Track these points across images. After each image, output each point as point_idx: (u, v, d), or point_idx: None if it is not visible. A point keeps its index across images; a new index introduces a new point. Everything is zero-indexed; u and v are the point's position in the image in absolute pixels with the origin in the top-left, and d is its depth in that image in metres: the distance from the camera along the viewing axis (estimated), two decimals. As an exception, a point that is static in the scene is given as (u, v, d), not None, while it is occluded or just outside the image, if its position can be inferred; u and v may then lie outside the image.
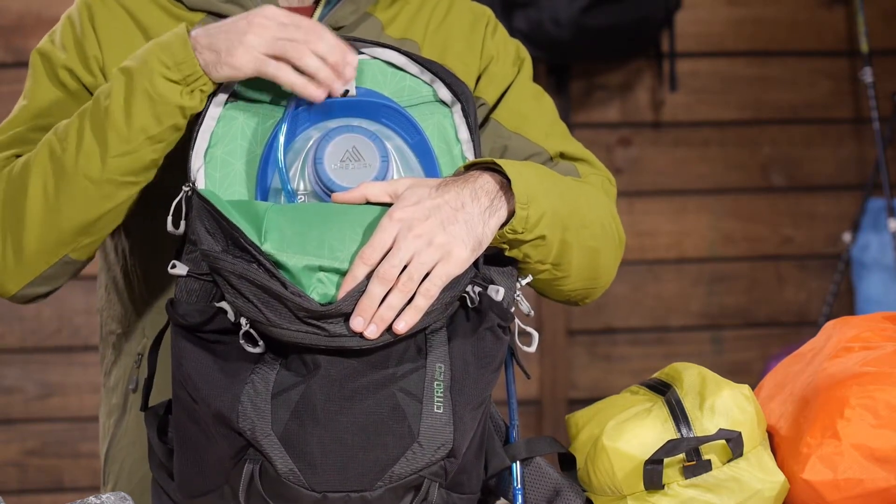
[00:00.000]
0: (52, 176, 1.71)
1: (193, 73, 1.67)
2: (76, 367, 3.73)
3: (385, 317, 1.54)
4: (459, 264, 1.58)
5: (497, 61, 1.91)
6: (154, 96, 1.67)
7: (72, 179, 1.70)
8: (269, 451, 1.52)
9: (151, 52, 1.68)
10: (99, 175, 1.69)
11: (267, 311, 1.53)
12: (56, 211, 1.71)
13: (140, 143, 1.68)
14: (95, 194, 1.70)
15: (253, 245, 1.55)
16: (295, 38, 1.66)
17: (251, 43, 1.65)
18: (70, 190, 1.70)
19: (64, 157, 1.70)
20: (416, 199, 1.59)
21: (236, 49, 1.65)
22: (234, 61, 1.65)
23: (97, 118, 1.69)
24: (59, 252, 1.74)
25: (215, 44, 1.66)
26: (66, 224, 1.72)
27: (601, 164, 1.93)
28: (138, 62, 1.69)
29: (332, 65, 1.66)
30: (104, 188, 1.70)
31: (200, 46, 1.67)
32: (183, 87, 1.67)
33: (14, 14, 3.67)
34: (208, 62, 1.66)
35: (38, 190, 1.71)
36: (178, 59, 1.66)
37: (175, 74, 1.67)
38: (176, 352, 1.59)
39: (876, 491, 1.65)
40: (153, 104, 1.67)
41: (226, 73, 1.66)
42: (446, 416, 1.55)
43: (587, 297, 1.85)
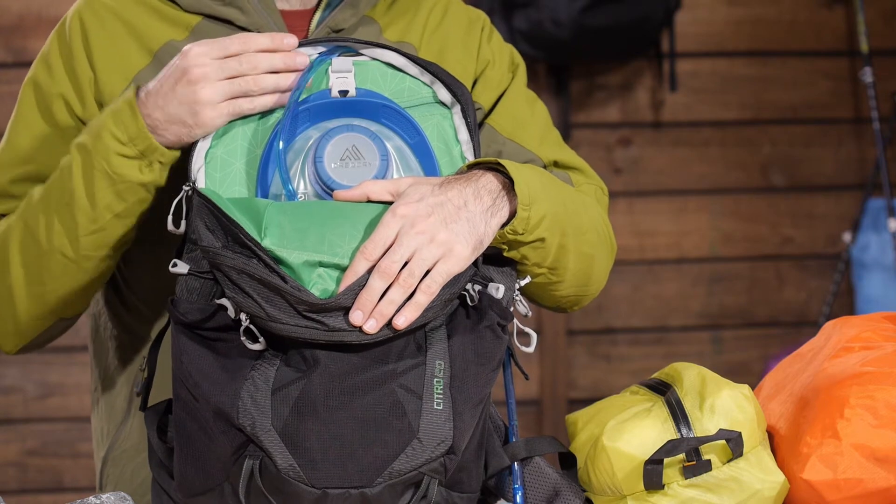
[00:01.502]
0: (31, 252, 1.74)
1: (148, 146, 1.67)
2: (76, 367, 3.73)
3: (385, 312, 1.54)
4: (460, 262, 1.58)
5: (493, 66, 1.91)
6: (113, 175, 1.68)
7: (49, 256, 1.73)
8: (269, 447, 1.52)
9: (104, 125, 1.69)
10: (73, 253, 1.72)
11: (267, 306, 1.53)
12: (39, 285, 1.75)
13: (107, 222, 1.71)
14: (74, 269, 1.74)
15: (253, 241, 1.55)
16: (239, 71, 1.65)
17: (209, 98, 1.65)
18: (49, 266, 1.73)
19: (37, 234, 1.73)
20: (418, 196, 1.60)
21: (200, 112, 1.65)
22: (206, 123, 1.65)
23: (63, 199, 1.71)
24: (52, 318, 1.80)
25: (174, 115, 1.66)
26: (51, 297, 1.76)
27: (594, 173, 1.93)
28: (93, 137, 1.69)
29: (284, 69, 1.67)
30: (81, 264, 1.73)
31: (161, 123, 1.66)
32: (140, 161, 1.68)
33: (14, 14, 3.67)
34: (181, 135, 1.66)
35: (18, 266, 1.75)
36: (131, 133, 1.67)
37: (130, 150, 1.67)
38: (176, 349, 1.59)
39: (876, 491, 1.65)
40: (113, 183, 1.68)
41: (200, 135, 1.67)
42: (446, 412, 1.55)
43: (577, 304, 1.86)
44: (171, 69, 1.67)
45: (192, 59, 1.65)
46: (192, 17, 1.83)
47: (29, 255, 1.74)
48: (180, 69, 1.66)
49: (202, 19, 1.83)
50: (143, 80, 1.78)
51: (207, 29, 1.82)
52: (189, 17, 1.82)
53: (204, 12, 1.82)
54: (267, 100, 1.66)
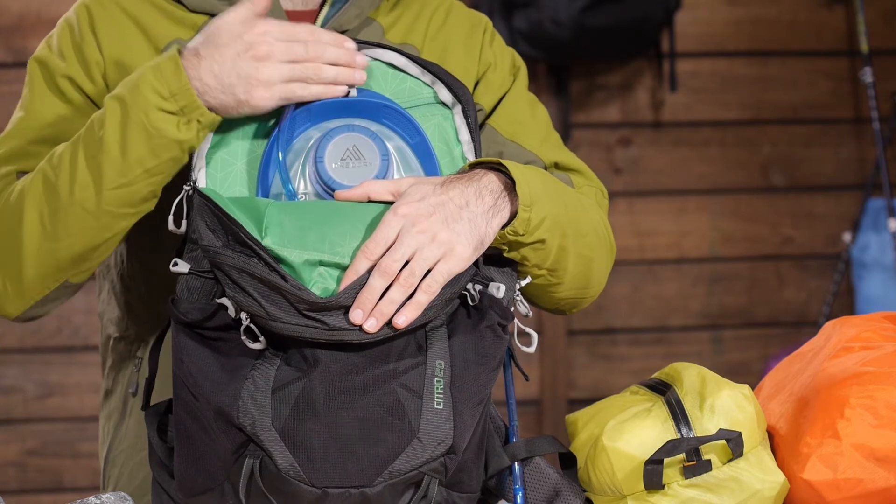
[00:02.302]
0: (48, 206, 1.68)
1: (190, 104, 1.63)
2: (76, 367, 3.73)
3: (385, 311, 1.54)
4: (461, 262, 1.58)
5: (494, 69, 1.91)
6: (150, 129, 1.64)
7: (67, 210, 1.68)
8: (270, 446, 1.52)
9: (144, 79, 1.65)
10: (95, 207, 1.67)
11: (267, 305, 1.53)
12: (53, 240, 1.69)
13: (137, 176, 1.66)
14: (92, 225, 1.68)
15: (253, 240, 1.55)
16: (304, 57, 1.64)
17: (268, 78, 1.63)
18: (66, 220, 1.68)
19: (59, 187, 1.68)
20: (420, 195, 1.60)
21: (254, 89, 1.63)
22: (257, 102, 1.64)
23: (91, 148, 1.66)
24: (59, 278, 1.73)
25: (227, 84, 1.63)
26: (63, 253, 1.70)
27: (594, 175, 1.93)
28: (131, 89, 1.65)
29: (346, 64, 1.66)
30: (101, 219, 1.68)
31: (209, 88, 1.64)
32: (180, 118, 1.64)
33: (14, 14, 3.67)
34: (226, 105, 1.64)
35: (34, 220, 1.69)
36: (173, 88, 1.63)
37: (171, 105, 1.63)
38: (177, 349, 1.59)
39: (876, 491, 1.65)
40: (149, 137, 1.64)
41: (246, 112, 1.65)
42: (446, 412, 1.55)
43: (575, 307, 1.86)
44: (231, 38, 1.64)
45: (258, 35, 1.64)
46: (198, 17, 1.82)
47: (47, 208, 1.68)
48: (245, 42, 1.63)
49: (208, 19, 1.82)
50: None
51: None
52: (195, 17, 1.82)
53: (210, 12, 1.82)
54: (321, 89, 1.65)
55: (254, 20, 1.65)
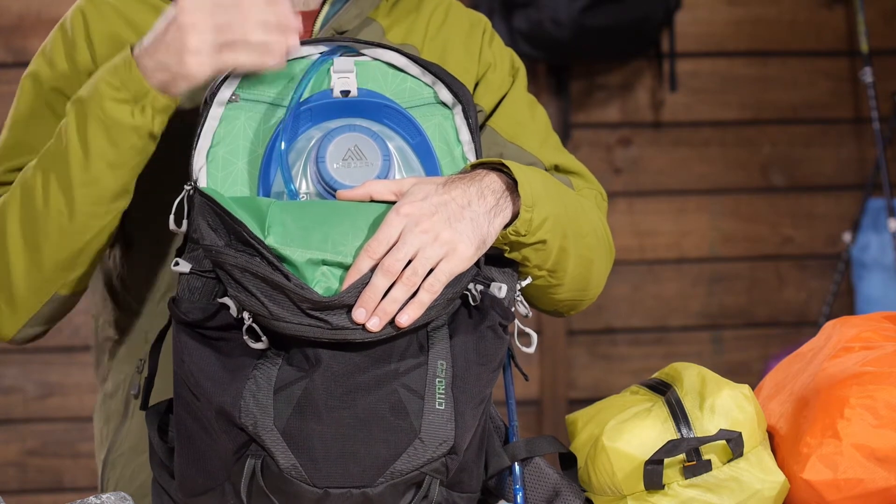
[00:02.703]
0: (26, 216, 1.71)
1: (140, 90, 1.65)
2: (76, 367, 3.73)
3: (388, 310, 1.54)
4: (464, 261, 1.59)
5: (494, 69, 1.91)
6: (105, 120, 1.66)
7: (43, 216, 1.70)
8: (271, 446, 1.52)
9: (100, 77, 1.68)
10: (68, 209, 1.69)
11: (270, 305, 1.53)
12: (36, 250, 1.71)
13: (100, 171, 1.68)
14: (69, 228, 1.70)
15: (256, 239, 1.55)
16: (228, 21, 1.63)
17: (195, 46, 1.63)
18: (45, 227, 1.70)
19: (33, 194, 1.70)
20: (423, 194, 1.60)
21: (185, 60, 1.63)
22: (189, 72, 1.64)
23: (58, 153, 1.69)
24: (48, 290, 1.75)
25: (162, 62, 1.64)
26: (47, 262, 1.72)
27: (594, 178, 1.93)
28: (89, 89, 1.68)
29: (276, 26, 1.64)
30: (76, 221, 1.70)
31: (149, 70, 1.65)
32: (132, 105, 1.66)
33: (14, 14, 3.67)
34: (165, 82, 1.65)
35: (15, 232, 1.72)
36: (124, 78, 1.65)
37: (123, 94, 1.65)
38: (178, 349, 1.59)
39: (876, 491, 1.65)
40: (106, 128, 1.66)
41: (184, 86, 1.65)
42: (448, 412, 1.55)
43: (574, 309, 1.86)
44: (164, 18, 1.66)
45: (183, 5, 1.64)
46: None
47: (26, 219, 1.71)
48: (171, 16, 1.64)
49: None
50: None
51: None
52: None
53: (204, 12, 1.82)
54: (254, 57, 1.64)
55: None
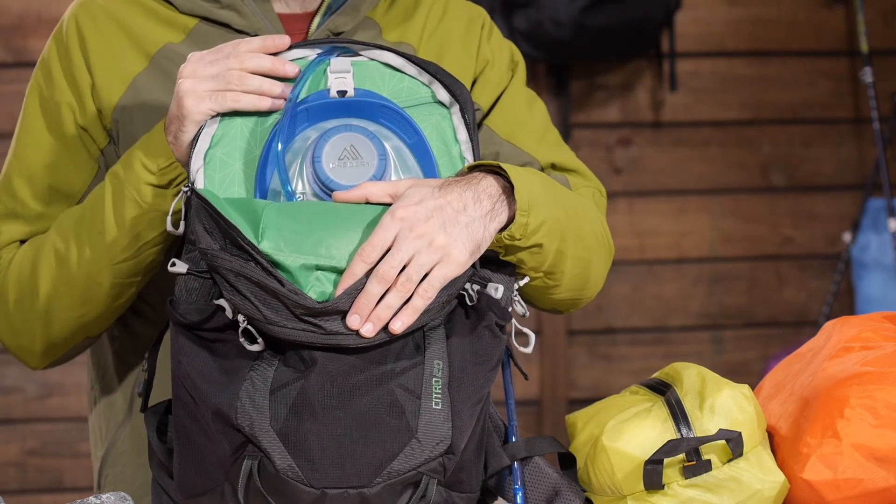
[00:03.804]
0: (63, 281, 1.77)
1: (179, 176, 1.69)
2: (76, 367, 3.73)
3: (382, 316, 1.54)
4: (458, 267, 1.58)
5: (492, 66, 1.91)
6: (143, 204, 1.70)
7: (81, 284, 1.76)
8: (268, 447, 1.52)
9: (135, 155, 1.71)
10: (108, 280, 1.75)
11: (264, 309, 1.53)
12: (71, 310, 1.78)
13: (140, 249, 1.73)
14: (105, 295, 1.77)
15: (250, 244, 1.55)
16: (224, 67, 1.65)
17: (193, 89, 1.64)
18: (80, 292, 1.77)
19: (69, 263, 1.76)
20: (418, 198, 1.59)
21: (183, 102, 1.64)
22: (191, 112, 1.64)
23: (95, 227, 1.73)
24: (79, 337, 1.83)
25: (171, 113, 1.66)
26: (84, 319, 1.79)
27: (592, 175, 1.92)
28: (124, 166, 1.71)
29: (271, 73, 1.66)
30: (114, 290, 1.76)
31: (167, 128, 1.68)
32: (169, 190, 1.70)
33: (14, 14, 3.67)
34: (177, 132, 1.66)
35: (50, 294, 1.78)
36: (161, 163, 1.69)
37: (159, 179, 1.70)
38: (175, 350, 1.59)
39: (876, 491, 1.65)
40: (144, 213, 1.71)
41: (190, 130, 1.65)
42: (444, 412, 1.55)
43: (573, 307, 1.86)
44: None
45: (186, 62, 1.66)
46: (188, 20, 1.82)
47: (61, 282, 1.77)
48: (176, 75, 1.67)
49: (199, 22, 1.82)
50: (141, 84, 1.78)
51: (205, 31, 1.82)
52: (186, 20, 1.82)
53: (201, 15, 1.82)
54: (252, 100, 1.65)
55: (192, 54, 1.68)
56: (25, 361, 1.86)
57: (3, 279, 1.81)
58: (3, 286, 1.81)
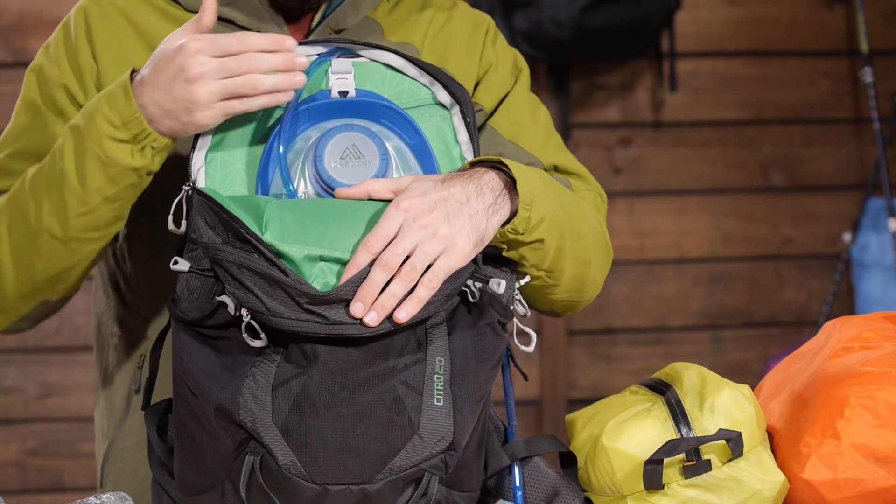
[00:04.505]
0: (20, 231, 1.74)
1: (142, 132, 1.66)
2: (76, 367, 3.73)
3: (386, 305, 1.54)
4: (462, 257, 1.59)
5: (496, 69, 1.91)
6: (104, 159, 1.67)
7: (37, 236, 1.73)
8: (270, 443, 1.52)
9: (98, 109, 1.67)
10: (62, 234, 1.72)
11: (267, 300, 1.53)
12: (28, 264, 1.75)
13: (97, 204, 1.70)
14: (62, 250, 1.73)
15: (253, 235, 1.55)
16: (237, 71, 1.63)
17: (204, 99, 1.62)
18: (38, 246, 1.73)
19: (27, 214, 1.73)
20: (422, 190, 1.60)
21: (194, 111, 1.63)
22: (199, 122, 1.64)
23: (54, 179, 1.70)
24: (37, 297, 1.79)
25: (170, 110, 1.64)
26: (38, 276, 1.76)
27: (594, 179, 1.93)
28: (86, 120, 1.68)
29: (284, 69, 1.64)
30: (69, 244, 1.73)
31: (155, 115, 1.65)
32: (133, 145, 1.66)
33: (14, 14, 3.67)
34: (173, 129, 1.65)
35: (6, 243, 1.75)
36: (125, 117, 1.66)
37: (122, 133, 1.66)
38: (177, 348, 1.60)
39: (876, 491, 1.65)
40: (104, 166, 1.67)
41: (192, 132, 1.66)
42: (446, 409, 1.55)
43: (570, 310, 1.86)
44: (167, 63, 1.64)
45: (190, 56, 1.63)
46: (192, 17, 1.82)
47: (18, 234, 1.74)
48: (178, 66, 1.63)
49: (203, 16, 1.83)
50: None
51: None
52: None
53: (203, 10, 1.83)
54: (263, 100, 1.64)
55: (188, 42, 1.64)
56: None
57: None
58: None
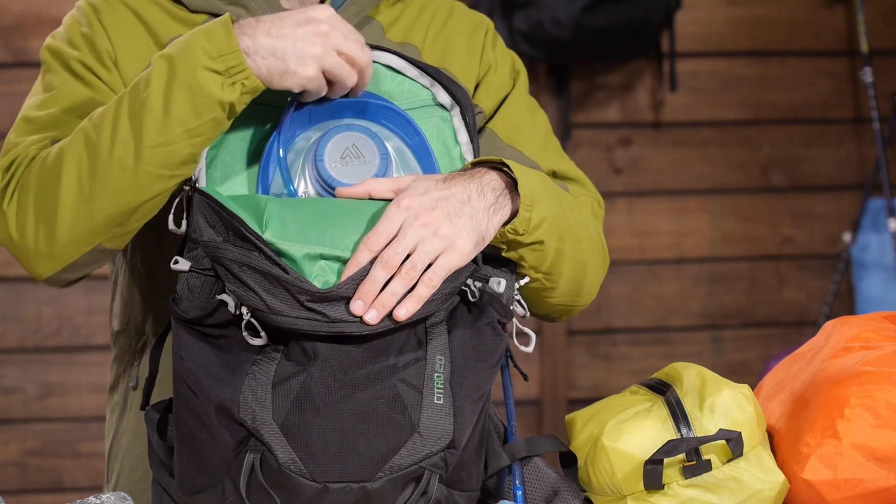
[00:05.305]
0: (87, 164, 1.65)
1: (237, 66, 1.62)
2: (76, 367, 3.73)
3: (386, 303, 1.55)
4: (462, 256, 1.59)
5: (495, 71, 1.91)
6: (195, 87, 1.62)
7: (106, 168, 1.64)
8: (270, 441, 1.52)
9: (195, 39, 1.64)
10: (133, 165, 1.63)
11: (268, 298, 1.53)
12: (90, 201, 1.66)
13: (177, 136, 1.63)
14: (130, 185, 1.65)
15: (254, 233, 1.55)
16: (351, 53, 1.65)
17: (320, 56, 1.63)
18: (104, 179, 1.65)
19: (99, 145, 1.65)
20: (423, 189, 1.61)
21: (306, 61, 1.62)
22: (302, 75, 1.63)
23: (134, 106, 1.64)
24: (92, 242, 1.69)
25: (280, 49, 1.63)
26: (99, 215, 1.66)
27: (591, 185, 1.93)
28: (180, 49, 1.64)
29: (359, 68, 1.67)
30: (139, 179, 1.64)
31: (262, 48, 1.63)
32: (224, 78, 1.62)
33: (14, 14, 3.67)
34: (272, 70, 1.63)
35: (71, 178, 1.66)
36: (222, 48, 1.62)
37: (218, 65, 1.62)
38: (177, 347, 1.60)
39: (876, 491, 1.65)
40: (193, 96, 1.62)
41: (290, 84, 1.63)
42: (446, 407, 1.56)
43: (566, 314, 1.86)
44: (295, 13, 1.65)
45: (324, 16, 1.64)
46: (197, 17, 1.83)
47: (85, 167, 1.65)
48: (308, 17, 1.64)
49: (208, 18, 1.83)
50: None
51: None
52: (195, 17, 1.83)
53: (209, 11, 1.83)
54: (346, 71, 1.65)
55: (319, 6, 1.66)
56: (29, 264, 1.72)
57: (24, 172, 1.71)
58: (24, 179, 1.70)
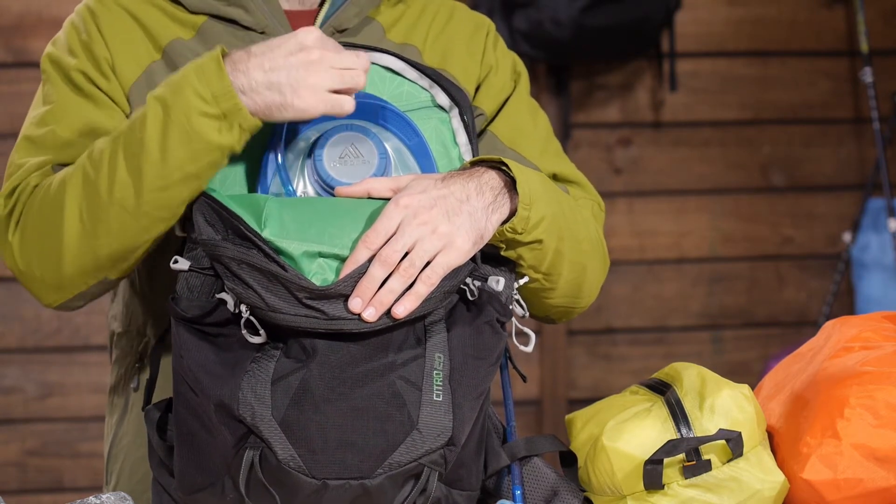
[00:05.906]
0: (87, 203, 1.65)
1: (232, 108, 1.60)
2: (76, 367, 3.73)
3: (384, 300, 1.55)
4: (461, 255, 1.59)
5: (496, 72, 1.91)
6: (190, 133, 1.60)
7: (107, 209, 1.64)
8: (269, 437, 1.52)
9: (187, 80, 1.61)
10: (134, 208, 1.63)
11: (267, 296, 1.54)
12: (93, 238, 1.66)
13: (176, 180, 1.62)
14: (132, 226, 1.65)
15: (253, 231, 1.55)
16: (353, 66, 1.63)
17: (318, 82, 1.61)
18: (106, 219, 1.65)
19: (98, 185, 1.64)
20: (422, 188, 1.61)
21: (302, 91, 1.61)
22: (302, 105, 1.61)
23: (132, 149, 1.63)
24: (98, 275, 1.70)
25: (276, 82, 1.61)
26: (102, 251, 1.67)
27: (592, 188, 1.93)
28: (173, 91, 1.62)
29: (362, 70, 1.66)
30: (140, 221, 1.65)
31: (257, 84, 1.61)
32: (221, 122, 1.60)
33: (14, 14, 3.67)
34: (270, 104, 1.61)
35: (74, 217, 1.66)
36: (216, 91, 1.60)
37: (213, 108, 1.60)
38: (177, 346, 1.60)
39: (876, 491, 1.65)
40: (190, 141, 1.60)
41: (290, 116, 1.62)
42: (445, 404, 1.56)
43: (565, 316, 1.86)
44: (285, 40, 1.62)
45: (313, 41, 1.62)
46: (197, 18, 1.83)
47: (86, 205, 1.65)
48: (298, 44, 1.62)
49: (207, 19, 1.83)
50: (156, 74, 1.77)
51: (213, 28, 1.82)
52: (195, 18, 1.83)
53: (208, 12, 1.82)
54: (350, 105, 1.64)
55: (306, 30, 1.63)
56: (37, 294, 1.73)
57: (27, 203, 1.71)
58: (27, 210, 1.71)
